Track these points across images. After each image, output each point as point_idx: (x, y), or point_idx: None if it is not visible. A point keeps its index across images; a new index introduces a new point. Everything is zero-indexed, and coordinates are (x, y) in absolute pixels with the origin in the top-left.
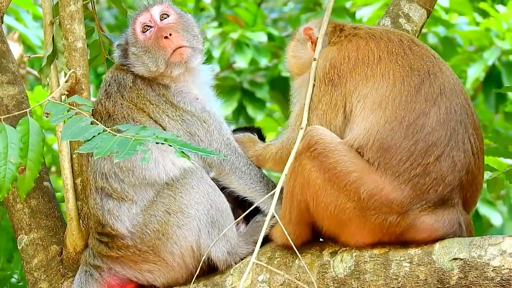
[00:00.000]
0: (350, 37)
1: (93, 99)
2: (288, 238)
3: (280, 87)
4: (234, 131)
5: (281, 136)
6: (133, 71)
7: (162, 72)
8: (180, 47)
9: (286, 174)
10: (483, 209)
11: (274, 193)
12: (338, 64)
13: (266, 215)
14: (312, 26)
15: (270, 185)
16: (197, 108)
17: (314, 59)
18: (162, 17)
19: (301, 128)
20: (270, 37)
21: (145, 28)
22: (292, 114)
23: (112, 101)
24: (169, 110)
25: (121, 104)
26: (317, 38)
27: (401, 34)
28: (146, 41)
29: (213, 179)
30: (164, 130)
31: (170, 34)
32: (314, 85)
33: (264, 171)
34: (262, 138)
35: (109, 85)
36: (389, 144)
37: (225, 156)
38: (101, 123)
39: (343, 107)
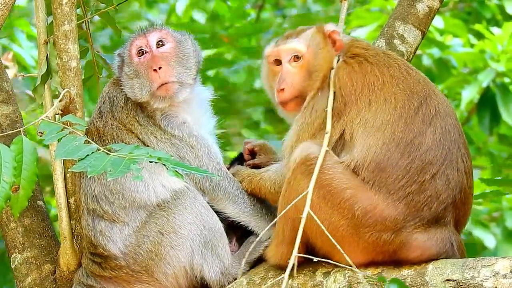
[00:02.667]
0: (359, 59)
1: (87, 119)
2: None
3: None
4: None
5: (274, 169)
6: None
7: (146, 101)
8: (167, 82)
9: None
10: (476, 231)
11: (266, 214)
12: (347, 93)
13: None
14: (338, 30)
15: (263, 209)
16: (184, 133)
17: (332, 68)
18: (159, 44)
19: (326, 133)
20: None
21: (140, 52)
22: (286, 142)
23: (103, 121)
24: (157, 132)
25: (111, 124)
26: (342, 42)
27: (395, 57)
28: (138, 66)
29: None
30: None
31: (160, 68)
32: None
33: None
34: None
35: (103, 103)
36: (385, 164)
37: (218, 176)
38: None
39: (341, 132)
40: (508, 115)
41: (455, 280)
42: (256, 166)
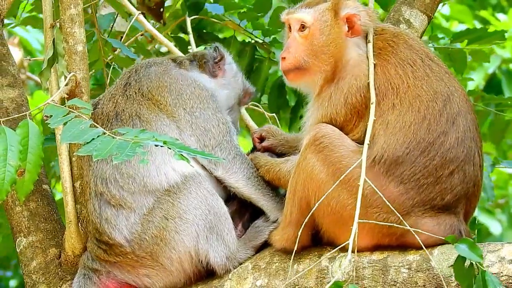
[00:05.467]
0: (381, 55)
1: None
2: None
3: (277, 94)
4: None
5: (292, 160)
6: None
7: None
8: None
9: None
10: (482, 217)
11: (276, 195)
12: (368, 97)
13: (267, 220)
14: (359, 14)
15: (274, 191)
16: (221, 111)
17: (369, 41)
18: None
19: (371, 103)
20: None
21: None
22: (303, 134)
23: (127, 95)
24: (187, 105)
25: (134, 98)
26: (361, 27)
27: (418, 47)
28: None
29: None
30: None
31: None
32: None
33: None
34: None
35: (134, 75)
36: (403, 159)
37: (224, 159)
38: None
39: (363, 132)
40: None
41: None
42: (269, 149)
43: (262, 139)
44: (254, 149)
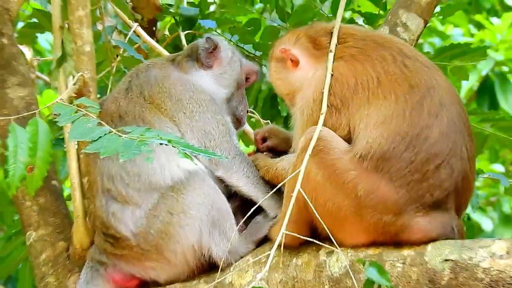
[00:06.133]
0: (345, 57)
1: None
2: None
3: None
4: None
5: (287, 159)
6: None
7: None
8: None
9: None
10: (474, 215)
11: (275, 192)
12: (339, 91)
13: (267, 216)
14: (287, 46)
15: (272, 189)
16: (220, 113)
17: (330, 51)
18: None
19: (321, 113)
20: None
21: (247, 79)
22: (295, 138)
23: (128, 98)
24: (187, 109)
25: (135, 102)
26: (291, 59)
27: (391, 46)
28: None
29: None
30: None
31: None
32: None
33: None
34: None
35: (134, 79)
36: (390, 154)
37: (226, 157)
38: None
39: (348, 126)
40: (505, 102)
41: (453, 260)
42: (272, 149)
43: (264, 139)
44: (258, 149)
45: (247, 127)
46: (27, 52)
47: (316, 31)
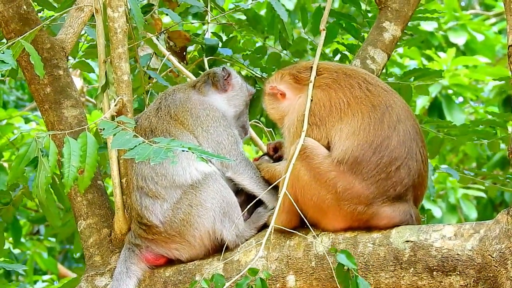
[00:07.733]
0: (321, 86)
1: None
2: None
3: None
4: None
5: (282, 164)
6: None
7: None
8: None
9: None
10: (427, 205)
11: (273, 189)
12: (317, 112)
13: (266, 208)
14: (274, 84)
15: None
16: (229, 127)
17: (310, 82)
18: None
19: (303, 131)
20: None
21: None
22: (286, 149)
23: (158, 116)
24: (203, 124)
25: (164, 120)
26: (280, 93)
27: (357, 76)
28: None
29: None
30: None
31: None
32: (311, 100)
33: None
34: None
35: (164, 101)
36: (361, 159)
37: (234, 160)
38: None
39: (327, 138)
40: (451, 118)
41: (412, 241)
42: (280, 156)
43: (276, 149)
44: (264, 155)
45: (253, 134)
46: (79, 81)
47: (297, 69)
